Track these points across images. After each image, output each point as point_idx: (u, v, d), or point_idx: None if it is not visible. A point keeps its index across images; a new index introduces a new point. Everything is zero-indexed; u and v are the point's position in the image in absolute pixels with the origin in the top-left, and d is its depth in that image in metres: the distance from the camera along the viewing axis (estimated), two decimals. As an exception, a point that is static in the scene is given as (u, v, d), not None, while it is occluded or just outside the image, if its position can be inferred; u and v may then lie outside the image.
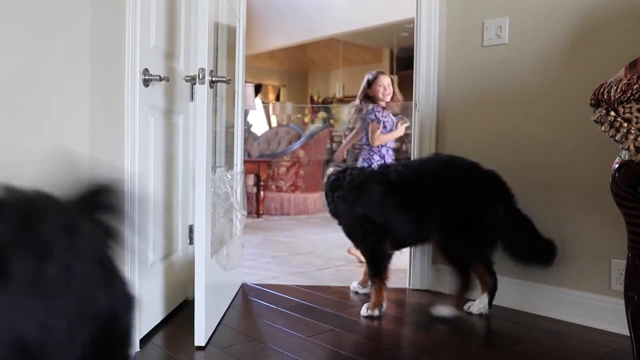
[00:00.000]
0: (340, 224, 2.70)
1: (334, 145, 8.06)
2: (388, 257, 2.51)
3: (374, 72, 3.80)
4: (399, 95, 3.79)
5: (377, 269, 2.48)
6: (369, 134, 3.59)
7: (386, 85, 3.66)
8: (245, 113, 6.45)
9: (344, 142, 4.13)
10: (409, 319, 2.52)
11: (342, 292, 2.84)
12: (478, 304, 2.46)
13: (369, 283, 2.61)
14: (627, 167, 1.45)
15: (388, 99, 3.71)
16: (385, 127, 3.62)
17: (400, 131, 3.71)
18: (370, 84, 3.71)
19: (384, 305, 2.44)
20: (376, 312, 2.41)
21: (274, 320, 2.36)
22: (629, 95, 1.38)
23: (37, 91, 1.54)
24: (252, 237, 4.49)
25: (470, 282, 2.43)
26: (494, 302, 2.49)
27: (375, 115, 3.58)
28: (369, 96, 3.70)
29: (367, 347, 2.09)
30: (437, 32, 2.84)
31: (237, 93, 2.82)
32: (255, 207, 5.84)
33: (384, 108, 3.69)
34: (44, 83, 1.55)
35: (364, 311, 2.43)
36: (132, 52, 1.89)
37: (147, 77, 1.98)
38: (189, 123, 2.50)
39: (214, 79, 2.02)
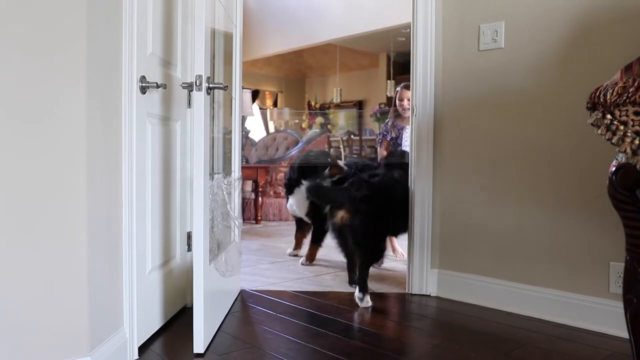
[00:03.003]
0: None
1: (332, 150, 8.07)
2: None
3: (403, 83, 3.94)
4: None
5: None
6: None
7: (405, 100, 3.80)
8: (243, 119, 6.46)
9: None
10: (408, 323, 2.52)
11: (341, 298, 2.83)
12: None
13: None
14: (624, 170, 1.45)
15: (406, 114, 3.81)
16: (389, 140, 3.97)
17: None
18: (395, 97, 3.93)
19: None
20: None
21: (273, 326, 2.35)
22: (624, 98, 1.38)
23: (33, 99, 1.54)
24: (250, 243, 4.49)
25: None
26: (493, 307, 2.50)
27: (383, 133, 3.99)
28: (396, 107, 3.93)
29: (366, 352, 2.08)
30: (434, 36, 2.86)
31: (234, 99, 2.82)
32: (254, 213, 5.83)
33: (394, 123, 3.92)
34: (41, 91, 1.55)
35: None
36: (129, 60, 1.89)
37: (144, 85, 1.98)
38: (186, 130, 2.50)
39: (211, 85, 2.02)
